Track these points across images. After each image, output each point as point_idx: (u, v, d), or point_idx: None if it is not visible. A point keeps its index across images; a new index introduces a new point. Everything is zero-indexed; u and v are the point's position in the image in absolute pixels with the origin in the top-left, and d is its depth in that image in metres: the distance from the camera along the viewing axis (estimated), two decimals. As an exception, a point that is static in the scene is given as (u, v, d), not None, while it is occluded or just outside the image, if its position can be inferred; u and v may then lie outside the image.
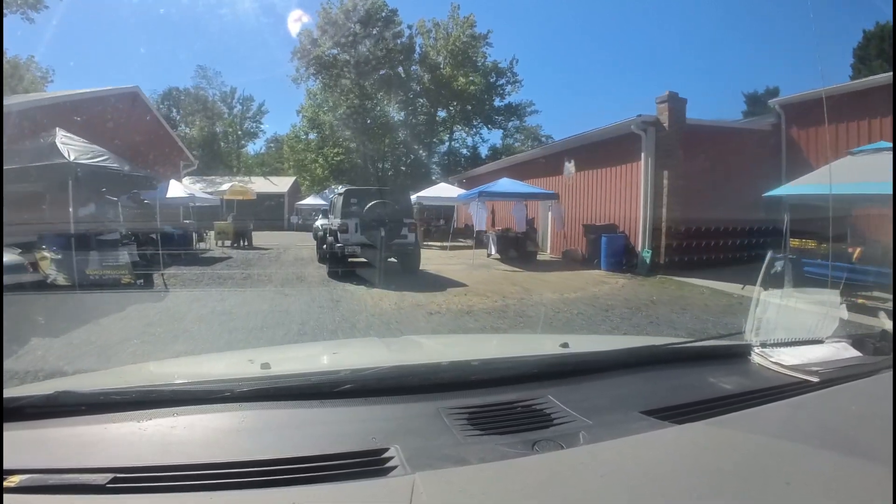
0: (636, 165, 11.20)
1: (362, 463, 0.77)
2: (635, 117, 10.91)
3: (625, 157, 11.48)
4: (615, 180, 11.91)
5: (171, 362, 2.21)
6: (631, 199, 11.39)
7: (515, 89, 38.60)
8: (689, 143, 10.71)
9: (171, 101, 43.25)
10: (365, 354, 1.76)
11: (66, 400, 0.94)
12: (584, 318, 6.18)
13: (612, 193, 12.04)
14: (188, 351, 4.29)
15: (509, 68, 37.83)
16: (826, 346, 1.32)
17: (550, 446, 0.83)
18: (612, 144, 11.91)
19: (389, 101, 36.07)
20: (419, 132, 37.63)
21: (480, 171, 21.49)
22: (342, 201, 9.55)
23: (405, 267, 9.40)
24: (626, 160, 11.49)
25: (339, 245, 9.04)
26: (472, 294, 7.66)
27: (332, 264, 9.19)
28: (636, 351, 1.44)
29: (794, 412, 1.02)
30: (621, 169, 11.69)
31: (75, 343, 4.43)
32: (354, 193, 9.74)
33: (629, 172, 11.45)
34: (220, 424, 0.92)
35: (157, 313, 5.90)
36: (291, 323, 5.44)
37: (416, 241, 9.94)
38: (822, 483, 0.73)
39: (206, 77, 41.79)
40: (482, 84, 36.98)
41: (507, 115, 40.21)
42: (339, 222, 9.19)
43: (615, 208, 11.87)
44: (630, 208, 11.38)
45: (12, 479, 0.70)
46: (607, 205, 12.14)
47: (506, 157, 17.44)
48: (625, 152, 11.43)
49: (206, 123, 42.05)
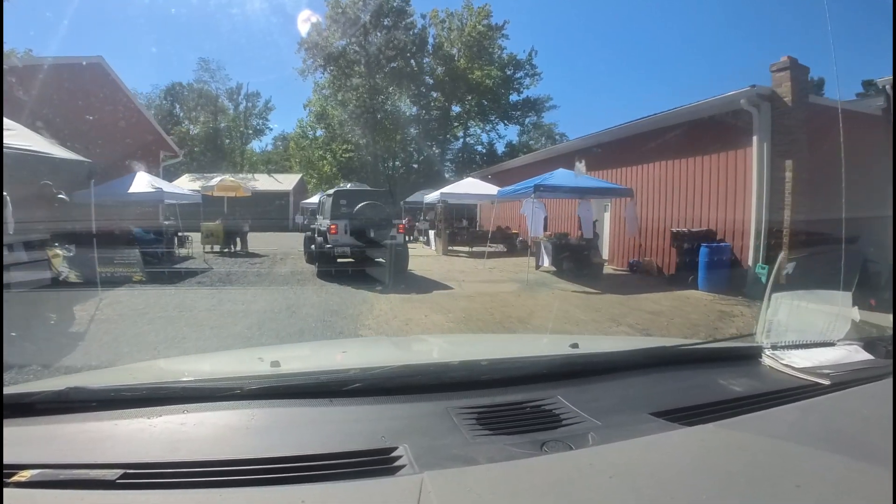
0: (744, 153, 8.42)
1: (371, 462, 0.77)
2: (748, 88, 8.15)
3: (727, 141, 8.68)
4: (712, 172, 9.08)
5: (181, 360, 2.38)
6: (735, 196, 8.59)
7: (534, 83, 37.11)
8: (814, 126, 7.93)
9: (173, 96, 41.59)
10: (374, 353, 1.77)
11: (76, 396, 0.94)
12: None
13: (706, 189, 9.21)
14: None
15: (528, 60, 36.29)
16: (837, 348, 1.30)
17: (559, 447, 0.82)
18: (707, 126, 9.10)
19: (401, 94, 34.42)
20: (432, 128, 36.29)
21: (514, 164, 18.65)
22: (331, 202, 9.52)
23: (395, 267, 9.02)
24: (728, 146, 8.69)
25: (329, 246, 8.99)
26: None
27: (322, 264, 9.17)
28: (646, 352, 1.44)
29: (804, 415, 1.00)
30: (721, 158, 8.88)
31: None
32: (344, 195, 9.69)
33: (733, 162, 8.66)
34: (229, 422, 0.92)
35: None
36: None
37: (404, 242, 10.17)
38: (832, 486, 0.71)
39: (209, 70, 39.64)
40: (499, 77, 35.39)
41: (525, 110, 38.57)
42: (328, 223, 9.14)
43: (711, 209, 9.06)
44: (734, 209, 8.59)
45: (23, 475, 0.70)
46: (698, 204, 9.32)
47: (550, 147, 14.31)
48: (727, 136, 8.65)
49: (208, 118, 39.84)
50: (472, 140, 39.10)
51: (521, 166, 17.50)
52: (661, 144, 9.88)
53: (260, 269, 10.52)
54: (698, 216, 9.39)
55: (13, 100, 9.02)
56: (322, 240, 9.37)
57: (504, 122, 38.18)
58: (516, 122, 38.90)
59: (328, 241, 9.06)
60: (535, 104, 38.07)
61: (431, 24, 34.24)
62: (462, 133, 38.47)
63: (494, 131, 38.60)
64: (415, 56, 33.71)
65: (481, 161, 35.52)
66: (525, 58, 35.74)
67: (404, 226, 10.53)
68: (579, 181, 9.61)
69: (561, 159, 13.12)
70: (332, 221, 9.07)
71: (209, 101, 40.30)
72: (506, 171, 18.26)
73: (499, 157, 34.72)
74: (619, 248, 11.23)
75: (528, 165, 16.74)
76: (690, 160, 9.60)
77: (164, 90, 40.96)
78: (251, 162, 41.95)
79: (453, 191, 14.26)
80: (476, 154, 38.47)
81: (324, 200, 10.85)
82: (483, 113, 37.06)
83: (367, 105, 32.58)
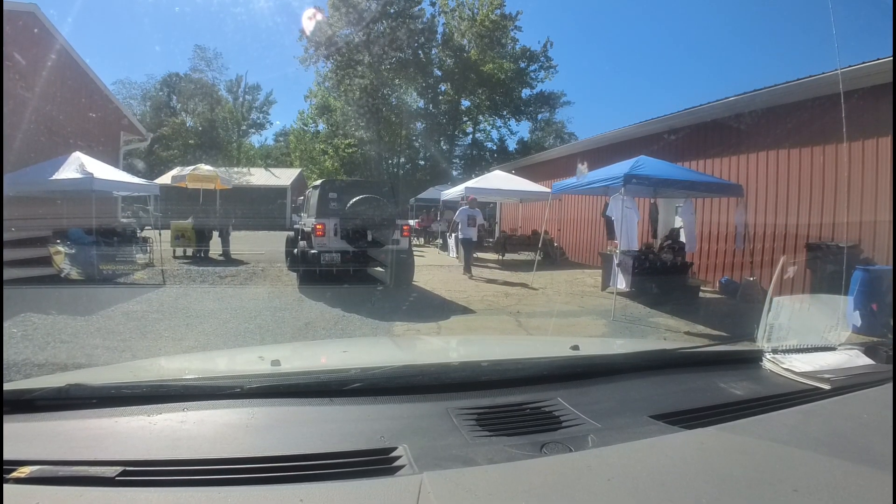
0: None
1: (370, 461, 0.77)
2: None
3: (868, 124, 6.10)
4: (854, 164, 6.49)
5: (182, 358, 2.30)
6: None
7: (549, 76, 34.92)
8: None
9: (170, 86, 39.14)
10: (374, 353, 1.76)
11: (77, 393, 0.95)
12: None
13: (836, 187, 6.64)
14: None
15: (542, 52, 34.10)
16: (838, 353, 1.29)
17: (559, 449, 0.82)
18: (837, 106, 6.53)
19: (407, 87, 32.85)
20: (440, 123, 34.59)
21: (550, 155, 15.91)
22: (318, 196, 7.66)
23: (397, 279, 7.53)
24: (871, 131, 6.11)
25: (314, 252, 7.26)
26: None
27: (305, 274, 7.48)
28: (647, 355, 1.46)
29: (804, 419, 1.00)
30: (865, 146, 6.30)
31: None
32: (334, 187, 7.94)
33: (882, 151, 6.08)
34: (229, 420, 0.91)
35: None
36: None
37: (410, 248, 8.14)
38: (830, 491, 0.70)
39: (206, 59, 36.98)
40: (511, 70, 33.49)
41: (539, 105, 36.53)
42: (313, 222, 7.46)
43: (852, 214, 6.48)
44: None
45: (22, 471, 0.70)
46: (828, 208, 6.75)
47: (606, 133, 11.70)
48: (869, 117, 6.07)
49: (204, 109, 37.39)
50: (482, 136, 37.19)
51: (553, 159, 14.92)
52: (770, 129, 7.24)
53: (231, 283, 7.89)
54: (826, 223, 6.82)
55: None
56: (306, 243, 7.63)
57: (515, 117, 36.21)
58: (528, 117, 36.90)
59: (313, 244, 7.30)
60: (548, 99, 36.15)
61: (441, 13, 32.52)
62: (472, 128, 36.55)
63: (506, 127, 36.52)
64: (423, 46, 32.17)
65: (491, 158, 33.74)
66: (539, 49, 33.66)
67: (409, 228, 8.64)
68: (677, 172, 6.92)
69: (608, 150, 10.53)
70: (319, 220, 7.33)
71: (206, 91, 37.79)
72: (541, 164, 15.68)
73: (511, 154, 32.56)
74: (705, 261, 8.60)
75: (560, 158, 14.19)
76: (817, 149, 6.99)
77: (160, 81, 38.63)
78: (248, 156, 39.59)
79: (480, 185, 11.59)
80: (486, 151, 36.58)
81: (309, 194, 8.90)
82: (495, 107, 34.95)
83: (372, 97, 30.77)
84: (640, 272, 6.85)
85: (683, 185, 6.87)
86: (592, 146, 12.39)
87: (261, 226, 20.01)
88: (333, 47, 30.20)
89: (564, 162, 13.36)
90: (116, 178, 8.42)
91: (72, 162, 7.51)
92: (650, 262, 6.96)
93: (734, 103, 8.05)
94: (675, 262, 7.11)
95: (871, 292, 5.68)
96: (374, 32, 30.12)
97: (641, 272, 6.89)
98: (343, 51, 30.45)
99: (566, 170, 11.50)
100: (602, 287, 7.66)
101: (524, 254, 12.07)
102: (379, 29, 30.25)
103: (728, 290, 7.89)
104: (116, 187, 8.97)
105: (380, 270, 7.90)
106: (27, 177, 7.17)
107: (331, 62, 31.39)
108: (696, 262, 8.67)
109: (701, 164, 8.71)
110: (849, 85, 6.28)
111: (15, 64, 8.47)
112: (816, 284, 6.40)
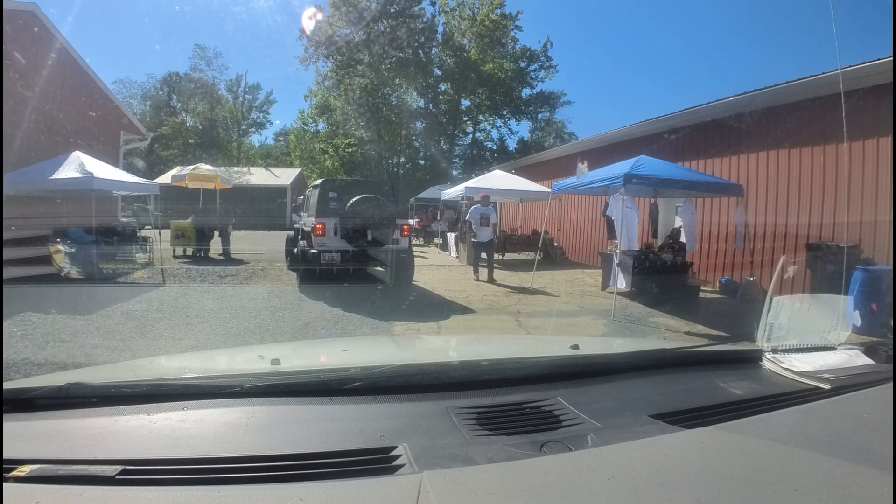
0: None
1: (370, 461, 0.76)
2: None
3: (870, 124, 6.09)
4: (854, 164, 6.49)
5: (182, 357, 2.32)
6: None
7: (549, 75, 34.91)
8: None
9: (170, 86, 39.16)
10: (375, 352, 1.75)
11: (77, 392, 0.94)
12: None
13: (837, 187, 6.63)
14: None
15: (543, 52, 34.09)
16: (838, 352, 1.29)
17: (558, 448, 0.82)
18: (838, 105, 6.52)
19: (408, 86, 32.91)
20: (440, 122, 34.58)
21: (550, 155, 15.91)
22: (318, 196, 7.71)
23: (397, 279, 7.49)
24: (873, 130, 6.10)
25: (314, 251, 7.27)
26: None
27: (305, 274, 7.49)
28: (647, 354, 1.44)
29: (804, 419, 1.00)
30: (866, 146, 6.29)
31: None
32: (334, 186, 8.01)
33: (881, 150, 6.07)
34: (229, 419, 0.91)
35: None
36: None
37: (410, 248, 8.14)
38: (830, 491, 0.70)
39: (206, 58, 36.99)
40: (512, 70, 33.57)
41: (539, 105, 36.62)
42: (313, 221, 7.50)
43: (852, 214, 6.48)
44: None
45: (22, 469, 0.70)
46: (828, 208, 6.75)
47: (606, 133, 11.68)
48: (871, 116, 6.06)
49: (204, 108, 37.40)
50: (482, 136, 37.22)
51: (554, 159, 14.92)
52: (770, 129, 7.23)
53: (230, 282, 7.89)
54: (826, 223, 6.82)
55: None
56: (306, 243, 7.68)
57: (516, 117, 36.23)
58: (528, 117, 36.90)
59: (313, 244, 7.35)
60: (548, 99, 36.12)
61: (441, 13, 32.45)
62: (472, 128, 36.57)
63: (506, 127, 36.55)
64: (423, 46, 32.01)
65: (491, 158, 33.80)
66: (540, 49, 33.68)
67: (409, 227, 8.65)
68: (678, 172, 6.92)
69: (608, 150, 10.51)
70: (319, 220, 7.39)
71: (206, 91, 37.86)
72: (542, 164, 15.66)
73: (511, 154, 32.60)
74: (705, 261, 8.60)
75: (560, 158, 14.17)
76: (818, 149, 6.98)
77: (160, 80, 38.54)
78: (248, 155, 39.67)
79: (480, 185, 11.58)
80: (486, 150, 36.61)
81: (309, 194, 8.97)
82: (495, 107, 34.96)
83: (372, 97, 30.74)
84: (640, 272, 6.86)
85: (683, 185, 6.87)
86: (592, 146, 12.38)
87: (261, 225, 20.00)
88: (333, 46, 30.17)
89: (564, 162, 13.35)
90: (116, 178, 8.42)
91: (72, 161, 7.52)
92: (650, 261, 6.97)
93: (734, 103, 8.05)
94: (676, 262, 7.12)
95: (871, 292, 5.67)
96: (374, 32, 30.09)
97: (641, 272, 6.89)
98: (343, 50, 30.44)
99: (566, 169, 11.48)
100: (602, 287, 7.66)
101: (524, 253, 12.05)
102: (379, 28, 30.23)
103: (728, 290, 7.90)
104: (116, 186, 8.97)
105: (380, 270, 7.87)
106: (27, 176, 7.18)
107: (331, 61, 31.44)
108: (697, 262, 8.66)
109: (701, 164, 8.71)
110: (849, 85, 6.27)
111: (15, 63, 8.46)
112: (816, 284, 6.40)
